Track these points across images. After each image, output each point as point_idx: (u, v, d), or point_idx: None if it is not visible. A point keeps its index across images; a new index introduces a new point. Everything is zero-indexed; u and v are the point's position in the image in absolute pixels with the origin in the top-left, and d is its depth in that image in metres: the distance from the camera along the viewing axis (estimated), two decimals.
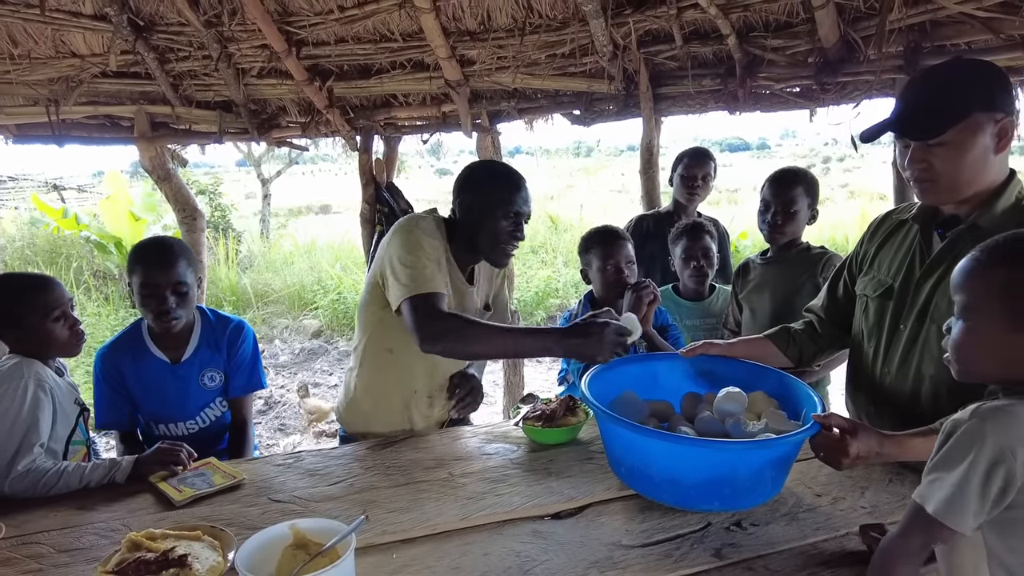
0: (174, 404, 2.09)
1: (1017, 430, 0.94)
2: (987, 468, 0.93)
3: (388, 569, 1.32)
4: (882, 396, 1.63)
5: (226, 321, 2.19)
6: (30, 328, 1.79)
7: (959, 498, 0.95)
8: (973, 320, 1.06)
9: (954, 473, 0.96)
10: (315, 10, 2.96)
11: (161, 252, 1.97)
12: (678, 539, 1.39)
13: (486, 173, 2.01)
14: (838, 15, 2.46)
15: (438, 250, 1.86)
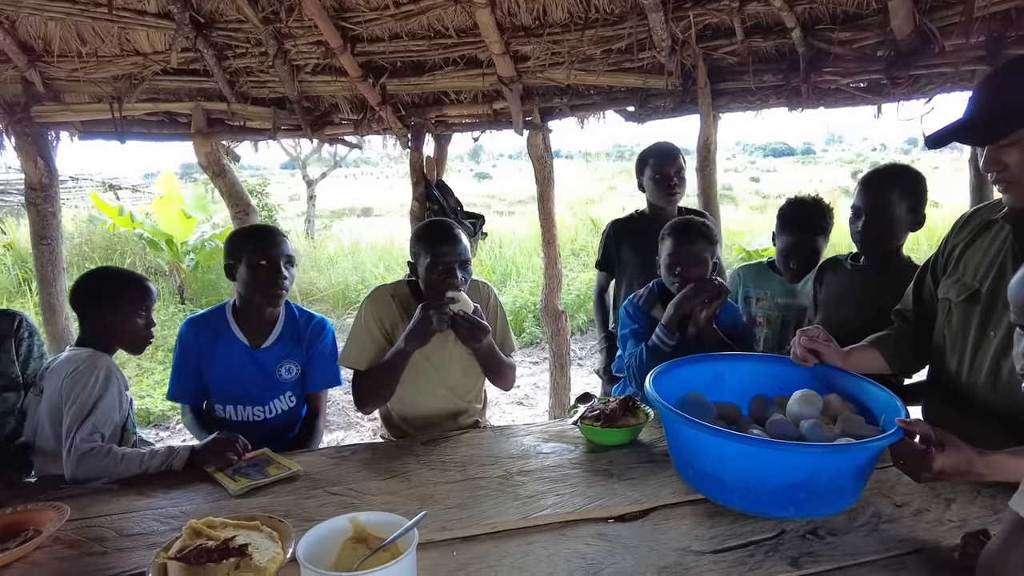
0: (247, 388, 2.14)
1: None
2: None
3: (449, 567, 1.29)
4: (967, 408, 1.53)
5: (309, 317, 2.25)
6: (119, 319, 1.87)
7: None
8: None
9: None
10: (371, 6, 2.97)
11: (270, 231, 2.17)
12: (751, 546, 1.32)
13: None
14: (913, 4, 2.35)
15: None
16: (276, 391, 2.18)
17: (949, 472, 1.25)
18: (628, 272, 2.79)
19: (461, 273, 2.02)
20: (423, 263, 2.04)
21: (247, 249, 2.08)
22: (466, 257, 2.05)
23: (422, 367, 2.10)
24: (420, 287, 2.10)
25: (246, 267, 2.07)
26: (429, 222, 2.19)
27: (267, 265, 2.06)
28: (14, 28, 3.07)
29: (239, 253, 2.09)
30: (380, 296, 2.15)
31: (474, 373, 2.21)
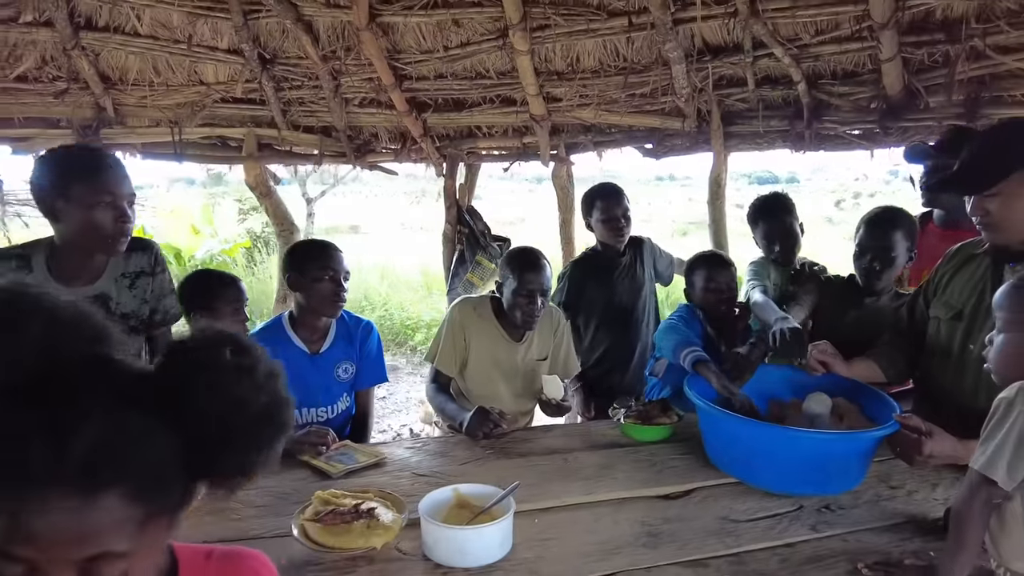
0: (311, 391, 2.38)
1: None
2: (1020, 430, 1.17)
3: (534, 531, 1.57)
4: (952, 409, 1.85)
5: (357, 320, 2.51)
6: (216, 318, 2.14)
7: (997, 454, 1.19)
8: (1010, 333, 1.31)
9: (996, 437, 1.21)
10: (421, 48, 3.31)
11: (332, 247, 2.34)
12: (777, 516, 1.63)
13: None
14: (903, 66, 2.73)
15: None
16: (337, 392, 2.43)
17: (936, 456, 1.57)
18: (596, 309, 2.82)
19: (541, 300, 2.30)
20: (509, 286, 2.29)
21: (311, 264, 2.25)
22: (548, 286, 2.34)
23: (491, 374, 2.41)
24: (502, 304, 2.38)
25: (312, 281, 2.26)
26: (521, 249, 2.44)
27: (331, 279, 2.26)
28: (97, 60, 3.38)
29: (304, 267, 2.27)
30: (464, 308, 2.44)
31: (535, 388, 2.48)
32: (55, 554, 0.60)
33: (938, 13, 2.59)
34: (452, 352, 2.40)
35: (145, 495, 0.63)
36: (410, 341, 7.86)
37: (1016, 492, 1.23)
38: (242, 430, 0.68)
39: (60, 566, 0.60)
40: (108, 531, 0.61)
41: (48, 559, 0.60)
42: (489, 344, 2.41)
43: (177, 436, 0.66)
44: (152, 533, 0.66)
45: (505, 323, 2.40)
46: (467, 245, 3.93)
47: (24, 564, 0.60)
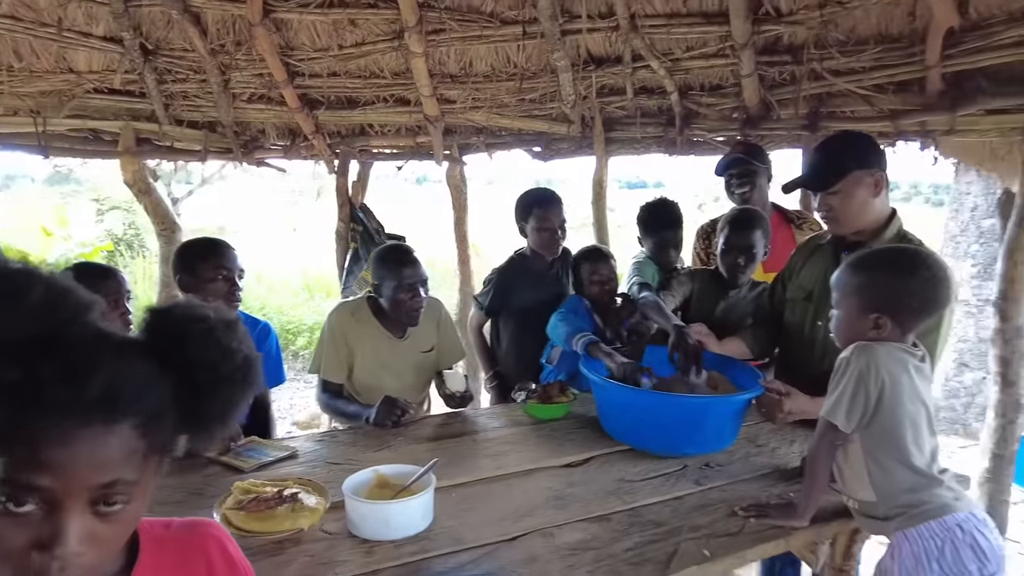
0: None
1: (872, 355, 1.46)
2: (854, 381, 1.45)
3: (453, 503, 1.69)
4: (807, 373, 2.16)
5: (254, 321, 2.49)
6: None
7: (838, 403, 1.47)
8: (843, 307, 1.60)
9: (836, 390, 1.48)
10: (315, 46, 3.30)
11: (218, 243, 2.30)
12: (666, 475, 1.85)
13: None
14: (760, 82, 3.10)
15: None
16: None
17: (793, 412, 1.85)
18: (518, 314, 2.81)
19: (423, 292, 2.36)
20: (388, 285, 2.31)
21: (203, 263, 2.20)
22: (426, 277, 2.38)
23: (378, 374, 2.42)
24: (380, 304, 2.40)
25: (204, 281, 2.19)
26: (391, 247, 2.48)
27: (225, 278, 2.21)
28: None
29: (195, 267, 2.20)
30: (341, 314, 2.44)
31: (424, 379, 2.57)
32: (74, 482, 0.65)
33: (785, 38, 2.97)
34: (336, 360, 2.40)
35: (150, 431, 0.69)
36: (291, 346, 7.64)
37: (854, 434, 1.51)
38: (228, 378, 0.75)
39: (76, 495, 0.65)
40: (120, 459, 0.67)
41: (65, 488, 0.64)
42: (373, 345, 2.42)
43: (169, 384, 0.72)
44: (150, 469, 0.72)
45: (386, 322, 2.42)
46: (361, 243, 3.94)
47: (41, 494, 0.64)
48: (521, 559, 1.44)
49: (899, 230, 2.04)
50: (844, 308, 1.60)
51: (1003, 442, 2.79)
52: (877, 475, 1.49)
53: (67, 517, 0.66)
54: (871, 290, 1.54)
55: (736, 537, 1.53)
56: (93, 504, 0.68)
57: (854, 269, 1.60)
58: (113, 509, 0.69)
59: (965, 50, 2.60)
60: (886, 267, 1.56)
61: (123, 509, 0.70)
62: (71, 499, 0.66)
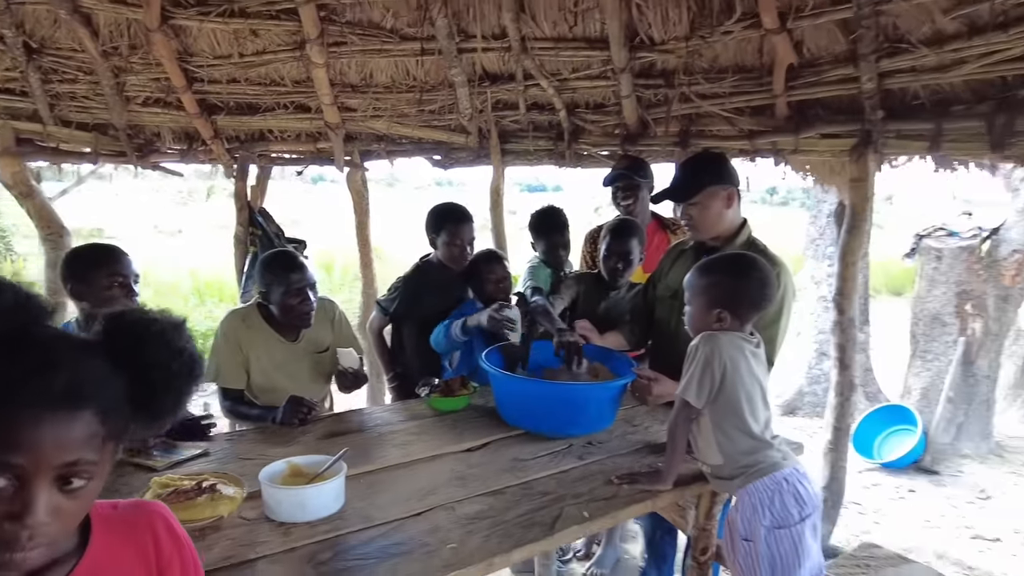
0: None
1: (715, 343, 1.77)
2: (702, 364, 1.76)
3: (362, 487, 1.84)
4: (673, 361, 2.47)
5: None
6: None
7: (689, 383, 1.77)
8: (693, 303, 1.91)
9: (688, 372, 1.79)
10: (215, 53, 3.32)
11: (112, 249, 2.29)
12: (553, 453, 2.09)
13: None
14: (637, 103, 3.45)
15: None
16: None
17: (661, 394, 2.15)
18: (424, 320, 2.84)
19: (312, 295, 2.44)
20: (277, 291, 2.37)
21: (96, 271, 2.19)
22: (314, 280, 2.46)
23: (274, 378, 2.49)
24: (270, 310, 2.46)
25: (98, 289, 2.20)
26: (276, 253, 2.54)
27: (120, 285, 2.22)
28: None
29: (87, 276, 2.19)
30: (233, 321, 2.48)
31: (322, 380, 2.66)
32: (43, 460, 0.76)
33: (659, 64, 3.33)
34: (234, 366, 2.44)
35: (108, 418, 0.81)
36: None
37: (704, 409, 1.81)
38: (178, 374, 0.88)
39: (44, 472, 0.76)
40: (83, 441, 0.79)
41: (35, 466, 0.76)
42: (266, 350, 2.47)
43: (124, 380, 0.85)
44: (108, 452, 0.84)
45: (277, 326, 2.48)
46: (261, 247, 3.96)
47: (13, 471, 0.75)
48: (426, 530, 1.63)
49: (748, 236, 2.40)
50: (694, 305, 1.91)
51: (841, 417, 3.26)
52: (723, 442, 1.80)
53: (36, 491, 0.77)
54: (714, 290, 1.86)
55: (611, 501, 1.79)
56: (58, 481, 0.79)
57: (700, 273, 1.91)
58: (75, 486, 0.80)
59: (803, 83, 3.04)
60: (725, 271, 1.88)
61: (84, 487, 0.81)
62: (40, 476, 0.77)
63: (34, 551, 0.79)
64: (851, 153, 3.03)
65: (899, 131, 2.91)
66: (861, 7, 2.58)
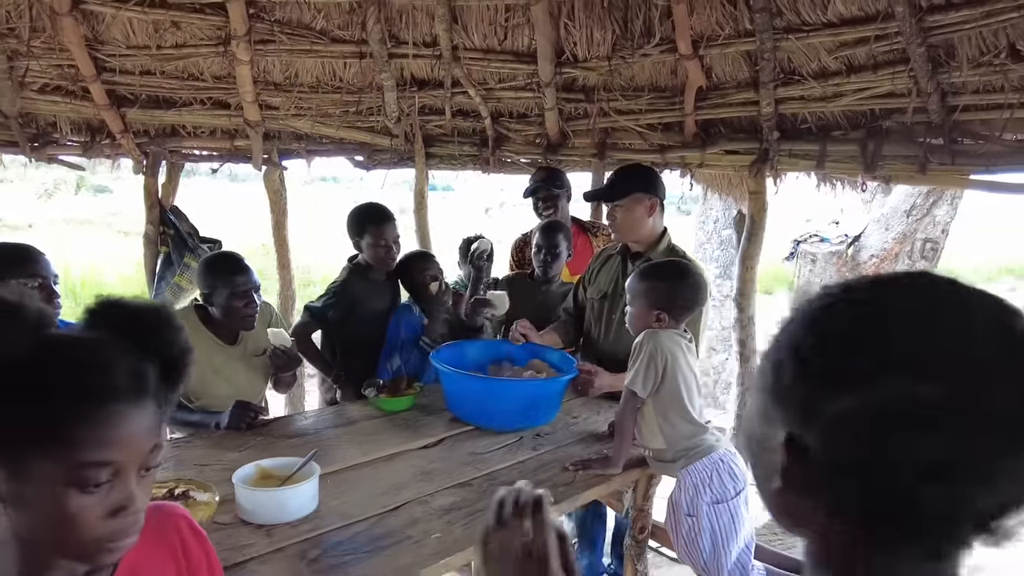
0: None
1: (658, 339, 1.98)
2: (647, 358, 1.97)
3: (331, 488, 1.88)
4: (605, 356, 2.69)
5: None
6: None
7: (637, 375, 1.97)
8: (634, 305, 2.13)
9: (634, 366, 1.99)
10: (129, 43, 3.15)
11: (27, 249, 2.15)
12: (507, 446, 2.23)
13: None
14: (559, 115, 3.66)
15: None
16: None
17: (601, 386, 2.35)
18: (361, 324, 2.87)
19: (257, 298, 2.44)
20: (221, 293, 2.36)
21: (10, 272, 2.07)
22: (258, 283, 2.46)
23: (212, 382, 2.45)
24: (208, 312, 2.44)
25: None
26: (220, 255, 2.51)
27: (41, 287, 2.10)
28: None
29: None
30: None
31: (260, 383, 2.63)
32: (134, 451, 0.80)
33: (580, 80, 3.56)
34: None
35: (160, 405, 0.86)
36: None
37: (648, 398, 2.02)
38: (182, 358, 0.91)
39: (134, 462, 0.81)
40: (155, 427, 0.84)
41: (129, 458, 0.80)
42: (204, 354, 2.41)
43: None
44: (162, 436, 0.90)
45: (215, 329, 2.46)
46: (173, 247, 3.79)
47: (111, 468, 0.78)
48: (406, 523, 1.72)
49: (669, 243, 2.65)
50: (635, 306, 2.12)
51: (743, 406, 3.64)
52: (666, 428, 2.02)
53: (132, 481, 0.82)
54: (653, 293, 2.07)
55: (571, 486, 1.97)
56: (141, 469, 0.84)
57: (641, 277, 2.12)
58: (151, 472, 0.86)
59: (709, 104, 3.37)
60: (663, 276, 2.10)
61: (153, 472, 0.87)
62: (132, 466, 0.81)
63: (132, 540, 0.84)
64: (750, 168, 3.40)
65: (791, 150, 3.30)
66: (763, 42, 2.92)
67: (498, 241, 3.26)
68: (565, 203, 3.31)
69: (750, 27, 2.95)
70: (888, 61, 2.82)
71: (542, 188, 3.26)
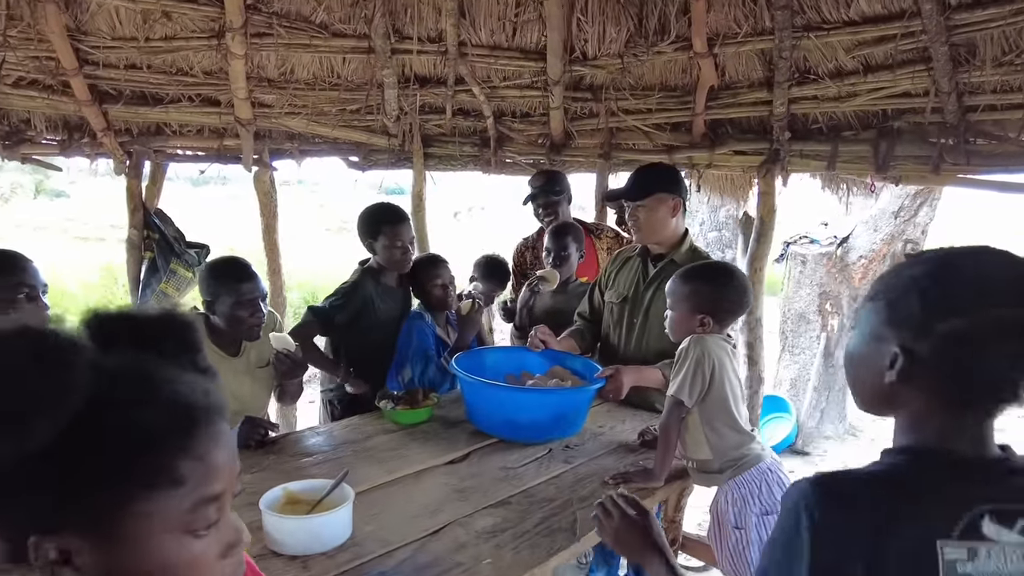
0: None
1: (704, 344, 1.90)
2: (694, 364, 1.88)
3: (360, 509, 1.74)
4: (621, 358, 2.58)
5: None
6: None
7: (684, 383, 1.88)
8: (676, 309, 2.05)
9: (680, 374, 1.90)
10: (115, 34, 2.95)
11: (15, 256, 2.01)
12: (538, 459, 2.13)
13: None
14: (564, 114, 3.56)
15: None
16: None
17: (629, 383, 2.24)
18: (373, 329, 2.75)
19: (263, 306, 2.30)
20: (225, 302, 2.23)
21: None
22: (265, 292, 2.33)
23: None
24: (211, 321, 2.28)
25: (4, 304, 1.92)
26: (224, 260, 2.36)
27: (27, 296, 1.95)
28: None
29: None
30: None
31: (264, 396, 2.49)
32: (231, 477, 0.69)
33: (588, 79, 3.47)
34: None
35: None
36: None
37: (694, 407, 1.93)
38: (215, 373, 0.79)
39: (230, 490, 0.69)
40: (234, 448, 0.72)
41: (228, 486, 0.68)
42: None
43: None
44: None
45: (218, 340, 2.33)
46: (159, 252, 3.58)
47: (216, 502, 0.66)
48: (451, 548, 1.59)
49: (691, 245, 2.58)
50: (676, 311, 2.03)
51: (752, 408, 3.58)
52: (712, 438, 1.92)
53: (231, 512, 0.71)
54: (696, 297, 1.98)
55: None
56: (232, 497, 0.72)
57: (684, 280, 2.03)
58: (233, 498, 0.73)
59: (720, 104, 3.32)
60: (708, 279, 2.02)
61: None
62: (229, 496, 0.70)
63: None
64: (759, 169, 3.35)
65: (801, 151, 3.26)
66: (782, 39, 2.88)
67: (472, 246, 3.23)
68: (566, 207, 3.24)
69: (769, 25, 2.89)
70: (908, 60, 2.79)
71: (541, 195, 3.17)
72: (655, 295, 2.50)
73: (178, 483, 0.63)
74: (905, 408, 0.92)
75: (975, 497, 0.83)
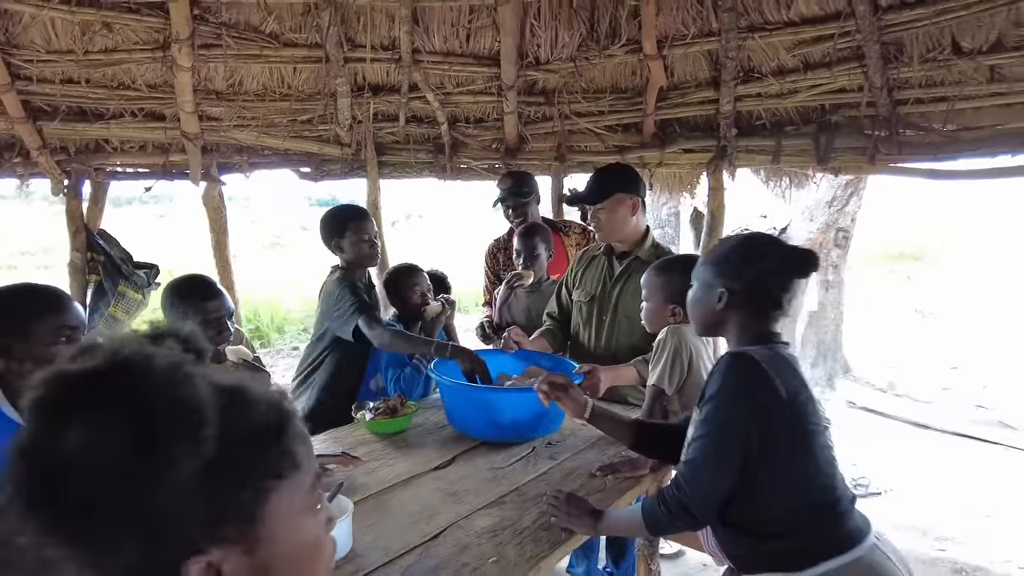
0: None
1: (681, 333, 1.98)
2: (672, 354, 1.96)
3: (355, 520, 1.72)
4: (598, 360, 2.65)
5: None
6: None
7: (663, 372, 1.96)
8: (650, 300, 2.12)
9: (659, 364, 1.97)
10: (50, 47, 2.82)
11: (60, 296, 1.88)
12: (523, 458, 2.15)
13: None
14: (518, 118, 3.61)
15: None
16: None
17: (607, 382, 2.29)
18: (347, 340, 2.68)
19: (230, 324, 2.25)
20: (192, 321, 2.19)
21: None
22: (232, 309, 2.29)
23: None
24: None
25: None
26: (188, 279, 2.29)
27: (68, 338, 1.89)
28: None
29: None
30: None
31: None
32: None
33: (541, 83, 3.53)
34: None
35: None
36: None
37: (673, 395, 2.00)
38: None
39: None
40: None
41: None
42: None
43: None
44: None
45: None
46: (105, 275, 3.43)
47: (320, 478, 0.71)
48: (454, 550, 1.60)
49: (653, 241, 2.66)
50: (651, 301, 2.10)
51: None
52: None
53: None
54: (670, 287, 2.06)
55: (608, 491, 1.91)
56: None
57: (657, 272, 2.11)
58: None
59: (669, 104, 3.43)
60: (679, 271, 2.09)
61: None
62: None
63: None
64: (708, 165, 3.48)
65: (747, 146, 3.41)
66: (728, 40, 3.01)
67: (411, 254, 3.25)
68: (535, 207, 3.28)
69: (715, 26, 3.02)
70: (843, 58, 2.96)
71: (510, 197, 3.21)
72: (622, 292, 2.57)
73: (298, 466, 0.66)
74: (731, 325, 1.55)
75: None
